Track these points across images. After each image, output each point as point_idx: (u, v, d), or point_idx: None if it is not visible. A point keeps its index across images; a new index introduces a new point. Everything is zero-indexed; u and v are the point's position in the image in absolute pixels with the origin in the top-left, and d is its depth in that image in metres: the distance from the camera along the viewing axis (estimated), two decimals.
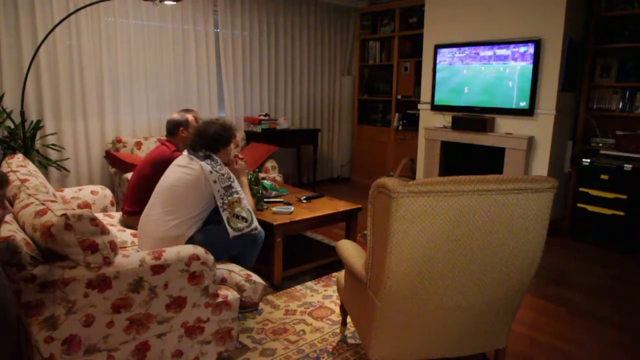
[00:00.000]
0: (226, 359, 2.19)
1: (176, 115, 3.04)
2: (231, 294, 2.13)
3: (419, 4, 5.22)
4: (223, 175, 2.36)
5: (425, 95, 5.09)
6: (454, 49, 4.64)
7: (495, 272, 1.82)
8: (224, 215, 2.33)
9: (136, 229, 2.57)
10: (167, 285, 1.88)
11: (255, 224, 2.41)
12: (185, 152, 2.49)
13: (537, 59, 4.06)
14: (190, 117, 3.02)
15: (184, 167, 2.39)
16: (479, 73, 4.47)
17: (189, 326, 2.00)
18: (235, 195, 2.35)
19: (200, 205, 2.36)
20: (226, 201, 2.33)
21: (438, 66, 4.80)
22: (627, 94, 4.15)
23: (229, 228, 2.31)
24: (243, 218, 2.35)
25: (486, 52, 4.38)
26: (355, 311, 2.12)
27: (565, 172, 4.46)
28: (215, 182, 2.32)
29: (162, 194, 2.40)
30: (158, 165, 2.71)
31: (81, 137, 4.26)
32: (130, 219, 2.83)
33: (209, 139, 2.44)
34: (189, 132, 2.88)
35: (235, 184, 2.39)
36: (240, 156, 2.74)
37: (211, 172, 2.33)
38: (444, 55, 4.73)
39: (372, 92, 6.32)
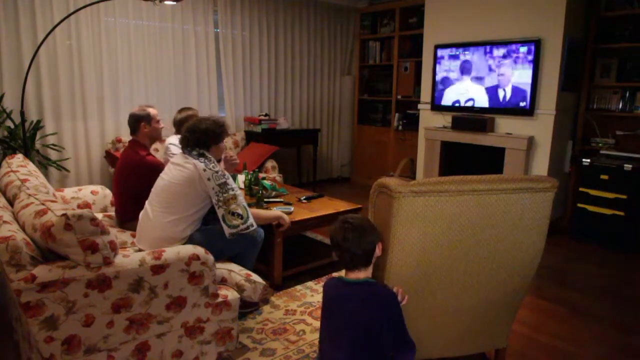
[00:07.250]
0: (226, 359, 2.19)
1: (136, 110, 2.89)
2: (231, 294, 2.13)
3: (419, 4, 5.22)
4: (217, 172, 2.35)
5: (425, 95, 5.09)
6: (454, 49, 4.64)
7: (495, 272, 1.82)
8: (220, 212, 2.32)
9: (135, 231, 2.57)
10: (167, 285, 1.88)
11: (251, 220, 2.40)
12: (180, 152, 2.49)
13: (537, 59, 4.05)
14: (152, 110, 2.88)
15: (179, 165, 2.39)
16: (479, 73, 4.47)
17: (189, 326, 2.00)
18: (231, 192, 2.35)
19: (196, 204, 2.36)
20: (221, 198, 2.32)
21: (438, 66, 4.80)
22: (627, 94, 4.15)
23: (224, 226, 2.31)
24: (238, 215, 2.35)
25: (486, 52, 4.38)
26: None
27: (565, 172, 4.46)
28: (209, 179, 2.31)
29: (159, 193, 2.40)
30: (130, 173, 2.74)
31: (81, 137, 4.26)
32: (127, 225, 2.83)
33: (200, 135, 2.43)
34: (151, 126, 2.86)
35: (230, 181, 2.38)
36: (234, 157, 2.79)
37: (205, 169, 2.32)
38: (444, 55, 4.73)
39: (372, 92, 6.32)
